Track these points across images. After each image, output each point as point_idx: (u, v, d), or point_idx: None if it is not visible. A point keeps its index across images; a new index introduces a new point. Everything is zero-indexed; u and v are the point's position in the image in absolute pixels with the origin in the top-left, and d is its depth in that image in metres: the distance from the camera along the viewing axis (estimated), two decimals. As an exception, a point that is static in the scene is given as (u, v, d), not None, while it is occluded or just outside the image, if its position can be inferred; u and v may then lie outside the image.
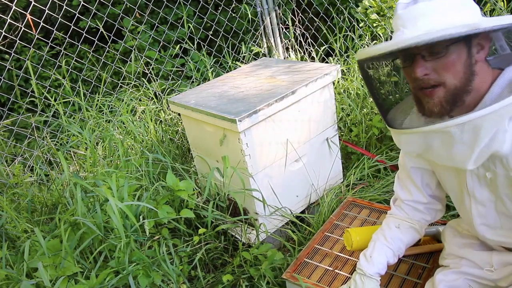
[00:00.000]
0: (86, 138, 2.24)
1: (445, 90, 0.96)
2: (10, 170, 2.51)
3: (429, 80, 0.96)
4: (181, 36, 3.47)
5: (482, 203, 1.12)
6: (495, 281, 1.17)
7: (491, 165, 1.02)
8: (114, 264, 1.55)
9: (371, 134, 2.39)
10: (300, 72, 2.08)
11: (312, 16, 3.15)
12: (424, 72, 0.95)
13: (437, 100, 0.97)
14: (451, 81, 0.95)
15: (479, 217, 1.15)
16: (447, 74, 0.94)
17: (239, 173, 1.79)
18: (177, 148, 2.74)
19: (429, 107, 0.99)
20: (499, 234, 1.14)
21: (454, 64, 0.93)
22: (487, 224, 1.15)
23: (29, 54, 3.49)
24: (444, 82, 0.95)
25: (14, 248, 1.76)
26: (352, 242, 1.49)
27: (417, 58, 0.95)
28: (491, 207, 1.11)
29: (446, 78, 0.94)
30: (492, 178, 1.04)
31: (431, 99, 0.97)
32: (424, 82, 0.97)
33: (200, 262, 1.81)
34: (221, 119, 1.78)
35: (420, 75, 0.95)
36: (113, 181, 1.62)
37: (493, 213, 1.12)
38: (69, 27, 2.73)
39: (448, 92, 0.96)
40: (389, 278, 1.47)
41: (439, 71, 0.94)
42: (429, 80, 0.96)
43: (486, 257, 1.20)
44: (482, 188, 1.09)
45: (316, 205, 2.19)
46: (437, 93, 0.96)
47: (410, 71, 0.98)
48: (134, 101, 2.92)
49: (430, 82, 0.96)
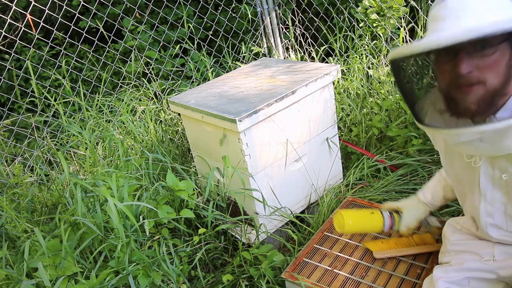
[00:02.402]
0: (86, 138, 2.24)
1: (485, 90, 0.92)
2: (10, 170, 2.52)
3: (472, 78, 0.91)
4: (181, 36, 3.48)
5: (491, 203, 1.12)
6: (496, 269, 1.18)
7: (509, 167, 1.02)
8: (114, 264, 1.55)
9: (371, 134, 2.40)
10: (300, 72, 2.08)
11: (312, 16, 3.15)
12: (469, 69, 0.91)
13: (475, 98, 0.93)
14: (492, 81, 0.91)
15: (487, 216, 1.16)
16: (490, 74, 0.91)
17: (239, 173, 1.79)
18: (177, 148, 2.75)
19: (465, 106, 0.95)
20: (503, 234, 1.16)
21: (497, 63, 0.90)
22: (493, 224, 1.16)
23: (29, 54, 3.50)
24: (485, 81, 0.91)
25: (14, 248, 1.76)
26: (344, 226, 1.47)
27: (462, 54, 0.91)
28: (500, 208, 1.12)
29: (488, 78, 0.91)
30: (508, 180, 1.04)
31: (469, 96, 0.93)
32: (466, 80, 0.92)
33: (200, 262, 1.82)
34: (221, 119, 1.78)
35: (465, 72, 0.91)
36: (113, 181, 1.62)
37: (501, 215, 1.13)
38: (69, 27, 2.73)
39: (487, 92, 0.92)
40: (388, 278, 1.47)
41: (483, 69, 0.91)
42: (472, 78, 0.91)
43: (487, 247, 1.21)
44: (495, 190, 1.09)
45: (316, 205, 2.19)
46: (475, 91, 0.92)
47: (450, 66, 0.94)
48: (134, 101, 2.92)
49: (472, 80, 0.92)
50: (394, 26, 2.83)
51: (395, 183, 2.14)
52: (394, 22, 2.81)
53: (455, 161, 1.22)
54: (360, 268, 1.54)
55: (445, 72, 0.97)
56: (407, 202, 1.55)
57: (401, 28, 2.76)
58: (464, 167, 1.17)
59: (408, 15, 2.83)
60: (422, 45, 0.88)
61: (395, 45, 2.82)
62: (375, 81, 2.75)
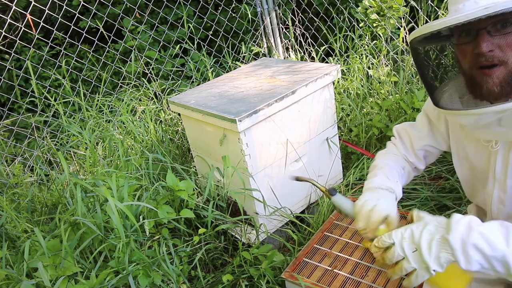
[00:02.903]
0: (86, 138, 2.24)
1: (506, 70, 0.92)
2: (10, 170, 2.52)
3: (493, 57, 0.92)
4: (181, 36, 3.48)
5: (504, 190, 1.11)
6: None
7: None
8: (114, 264, 1.55)
9: (371, 134, 2.40)
10: (300, 72, 2.08)
11: (312, 16, 3.15)
12: (490, 47, 0.91)
13: (497, 80, 0.93)
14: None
15: (498, 203, 1.14)
16: (511, 53, 0.91)
17: (239, 173, 1.79)
18: (177, 148, 2.75)
19: (488, 87, 0.95)
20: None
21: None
22: (503, 211, 1.14)
23: (29, 54, 3.50)
24: (507, 61, 0.91)
25: (14, 248, 1.76)
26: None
27: (482, 33, 0.91)
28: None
29: (510, 57, 0.91)
30: None
31: (491, 78, 0.93)
32: (487, 59, 0.92)
33: (200, 262, 1.82)
34: (221, 119, 1.78)
35: (486, 51, 0.91)
36: (113, 181, 1.62)
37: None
38: (69, 27, 2.73)
39: (509, 73, 0.92)
40: (388, 278, 1.47)
41: (504, 48, 0.91)
42: (493, 57, 0.92)
43: None
44: (510, 176, 1.08)
45: (316, 205, 2.19)
46: (497, 72, 0.93)
47: (471, 47, 0.94)
48: (134, 101, 2.92)
49: (494, 59, 0.92)
50: (394, 26, 2.83)
51: (395, 183, 2.14)
52: (394, 22, 2.81)
53: (469, 150, 1.20)
54: (360, 268, 1.54)
55: (467, 53, 0.97)
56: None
57: (401, 28, 2.76)
58: (479, 153, 1.16)
59: (408, 15, 2.83)
60: (442, 23, 0.88)
61: (395, 45, 2.82)
62: (375, 81, 2.75)
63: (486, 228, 0.89)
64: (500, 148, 1.07)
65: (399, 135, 1.42)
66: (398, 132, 1.43)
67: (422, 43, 1.04)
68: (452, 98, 1.07)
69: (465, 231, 0.89)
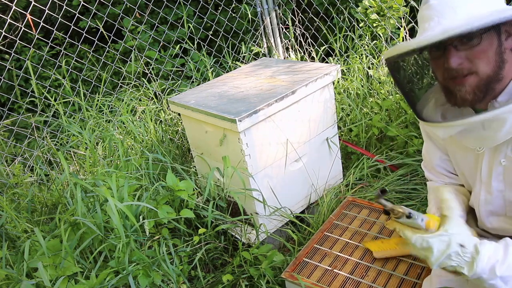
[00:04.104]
0: (86, 138, 2.24)
1: (478, 78, 0.96)
2: (10, 170, 2.52)
3: (463, 69, 0.96)
4: (181, 36, 3.48)
5: (490, 192, 1.13)
6: None
7: (509, 152, 1.04)
8: (114, 264, 1.55)
9: (371, 134, 2.40)
10: (300, 72, 2.08)
11: (312, 16, 3.15)
12: (458, 62, 0.95)
13: (470, 88, 0.97)
14: (483, 69, 0.95)
15: (485, 204, 1.16)
16: (480, 62, 0.95)
17: (239, 173, 1.79)
18: (177, 148, 2.75)
19: (461, 96, 0.99)
20: (501, 220, 1.16)
21: (486, 52, 0.94)
22: (492, 211, 1.16)
23: (29, 54, 3.50)
24: (476, 70, 0.96)
25: (14, 248, 1.76)
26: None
27: (449, 48, 0.95)
28: (499, 196, 1.12)
29: (479, 66, 0.95)
30: (506, 165, 1.06)
31: (463, 86, 0.98)
32: (457, 72, 0.97)
33: (200, 262, 1.82)
34: (221, 119, 1.78)
35: (454, 65, 0.96)
36: (113, 181, 1.62)
37: (500, 201, 1.13)
38: (69, 27, 2.73)
39: (481, 80, 0.96)
40: (388, 278, 1.47)
41: (472, 59, 0.95)
42: (463, 69, 0.96)
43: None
44: (494, 177, 1.10)
45: (316, 205, 2.19)
46: (469, 81, 0.97)
47: (441, 62, 0.99)
48: (134, 101, 2.92)
49: (463, 71, 0.96)
50: (394, 26, 2.83)
51: (395, 183, 2.14)
52: (394, 22, 2.81)
53: (458, 155, 1.23)
54: (360, 268, 1.54)
55: (439, 67, 1.02)
56: None
57: (401, 28, 2.76)
58: (467, 157, 1.18)
59: (408, 15, 2.83)
60: (406, 46, 0.96)
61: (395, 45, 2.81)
62: (375, 81, 2.75)
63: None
64: (486, 150, 1.10)
65: (426, 169, 1.43)
66: (424, 167, 1.44)
67: (397, 62, 1.10)
68: (433, 111, 1.12)
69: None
